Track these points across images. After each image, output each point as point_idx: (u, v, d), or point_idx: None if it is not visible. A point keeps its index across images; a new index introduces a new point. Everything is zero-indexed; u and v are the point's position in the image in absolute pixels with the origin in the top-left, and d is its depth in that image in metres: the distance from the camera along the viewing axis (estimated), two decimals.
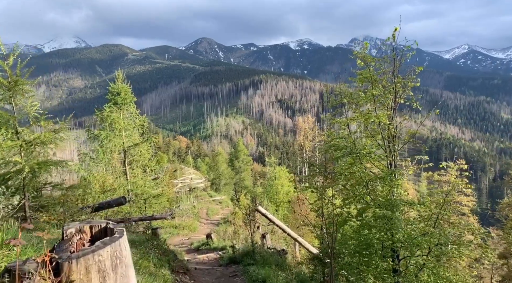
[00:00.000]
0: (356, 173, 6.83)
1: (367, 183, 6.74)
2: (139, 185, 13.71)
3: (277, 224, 10.12)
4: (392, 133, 7.07)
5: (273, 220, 10.05)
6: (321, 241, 8.69)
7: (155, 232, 7.61)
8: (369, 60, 7.05)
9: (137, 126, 14.44)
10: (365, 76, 7.07)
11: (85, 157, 13.24)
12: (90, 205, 7.82)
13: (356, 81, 7.42)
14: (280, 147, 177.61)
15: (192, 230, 23.38)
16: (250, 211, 8.96)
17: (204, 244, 14.37)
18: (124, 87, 13.90)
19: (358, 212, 7.19)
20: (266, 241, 10.74)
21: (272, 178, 42.61)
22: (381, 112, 6.98)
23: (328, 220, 8.03)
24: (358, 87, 7.42)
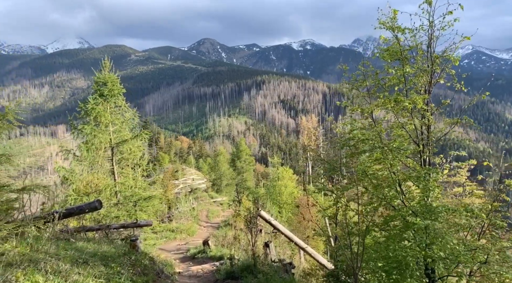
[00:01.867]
0: (383, 171, 5.42)
1: (399, 183, 5.33)
2: (128, 185, 12.35)
3: (283, 231, 8.73)
4: (427, 122, 5.65)
5: (277, 227, 8.66)
6: (335, 254, 7.29)
7: (134, 243, 6.23)
8: (399, 30, 5.63)
9: (126, 121, 13.06)
10: (394, 51, 5.65)
11: (67, 155, 11.89)
12: (58, 211, 6.44)
13: (381, 58, 5.99)
14: (283, 147, 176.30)
15: (190, 234, 22.04)
16: (251, 216, 7.57)
17: (200, 252, 12.96)
18: (111, 77, 12.51)
19: (385, 220, 5.77)
20: (270, 250, 9.33)
21: (275, 178, 41.28)
22: (414, 95, 5.56)
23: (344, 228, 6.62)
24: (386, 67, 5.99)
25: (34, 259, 4.36)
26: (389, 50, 5.80)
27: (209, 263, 10.46)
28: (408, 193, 5.52)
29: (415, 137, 5.83)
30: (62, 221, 8.42)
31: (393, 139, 5.61)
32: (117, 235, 8.51)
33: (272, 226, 8.77)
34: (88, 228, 7.68)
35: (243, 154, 48.70)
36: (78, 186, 11.12)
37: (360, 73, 5.95)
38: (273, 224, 8.61)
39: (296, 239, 9.03)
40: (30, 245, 4.87)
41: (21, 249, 4.73)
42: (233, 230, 21.89)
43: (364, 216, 5.88)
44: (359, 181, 6.17)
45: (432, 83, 5.66)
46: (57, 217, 6.42)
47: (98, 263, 5.14)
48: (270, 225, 8.76)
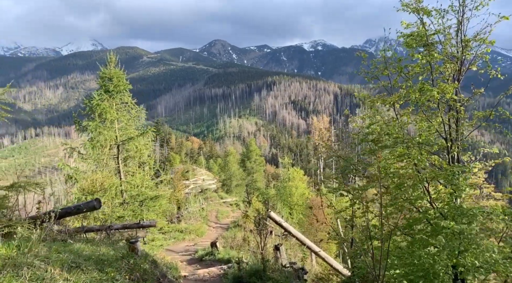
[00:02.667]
0: (407, 169, 4.85)
1: (427, 182, 4.75)
2: (134, 184, 11.95)
3: (294, 234, 8.20)
4: (456, 115, 5.06)
5: (288, 229, 8.13)
6: (352, 259, 6.73)
7: (133, 246, 5.78)
8: (425, 13, 5.06)
9: (132, 118, 12.67)
10: (419, 35, 5.07)
11: (72, 152, 11.56)
12: (55, 210, 6.04)
13: (404, 45, 5.41)
14: (294, 148, 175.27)
15: (199, 234, 21.64)
16: (260, 218, 7.06)
17: (208, 254, 12.49)
18: (117, 72, 12.13)
19: (408, 223, 5.19)
20: (281, 254, 8.80)
21: (286, 179, 40.71)
22: (442, 84, 4.98)
23: (362, 232, 6.06)
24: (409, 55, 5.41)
25: (19, 264, 3.93)
26: (413, 35, 5.22)
27: (217, 266, 9.98)
28: (436, 193, 4.93)
29: (442, 132, 5.24)
30: (61, 221, 8.04)
31: (418, 134, 5.04)
32: (120, 236, 8.08)
33: (282, 228, 8.25)
34: (88, 229, 7.27)
35: (253, 154, 48.15)
36: (83, 185, 10.76)
37: (380, 60, 5.37)
38: (283, 226, 8.08)
39: (309, 242, 8.48)
40: (18, 247, 4.46)
41: (7, 252, 4.32)
42: (243, 231, 21.40)
43: (384, 219, 5.31)
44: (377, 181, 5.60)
45: (461, 71, 5.07)
46: (53, 216, 6.01)
47: (92, 267, 4.70)
48: (281, 227, 8.24)
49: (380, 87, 6.17)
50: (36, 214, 6.16)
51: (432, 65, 5.23)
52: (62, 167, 10.92)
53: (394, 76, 5.60)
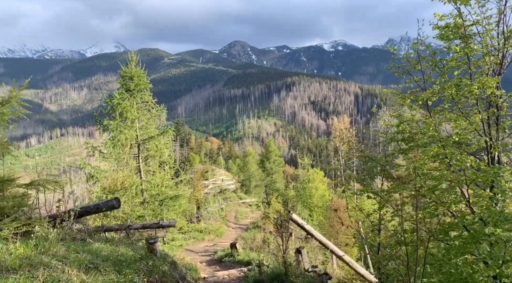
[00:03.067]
0: (442, 170, 4.49)
1: (467, 184, 4.38)
2: (154, 184, 11.91)
3: (317, 237, 7.89)
4: (497, 112, 4.66)
5: (311, 232, 7.83)
6: (378, 264, 6.36)
7: (152, 247, 5.63)
8: (463, 2, 4.68)
9: (153, 117, 12.65)
10: (456, 26, 4.70)
11: (93, 151, 11.62)
12: (74, 209, 5.97)
13: (439, 37, 5.04)
14: (313, 149, 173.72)
15: (218, 235, 21.55)
16: (282, 220, 6.80)
17: (228, 255, 12.31)
18: (137, 71, 12.13)
19: (443, 229, 4.82)
20: (302, 257, 8.51)
21: (306, 180, 40.28)
22: (482, 78, 4.59)
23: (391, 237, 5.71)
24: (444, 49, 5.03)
25: (36, 263, 3.83)
26: (448, 27, 4.85)
27: (237, 268, 9.77)
28: (477, 197, 4.55)
29: (480, 130, 4.85)
30: (82, 220, 8.01)
31: (455, 133, 4.66)
32: (139, 236, 7.99)
33: (305, 231, 7.95)
34: (107, 228, 7.20)
35: (272, 155, 47.82)
36: (104, 184, 10.78)
37: (413, 53, 5.02)
38: (306, 228, 7.79)
39: (332, 246, 8.15)
40: (36, 246, 4.38)
41: (25, 251, 4.23)
42: (262, 232, 21.17)
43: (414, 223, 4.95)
44: (408, 182, 5.25)
45: (503, 65, 4.67)
46: (73, 215, 5.94)
47: (110, 268, 4.56)
48: (303, 229, 7.95)
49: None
50: (56, 212, 6.11)
51: (470, 59, 4.84)
52: (83, 166, 10.99)
53: (427, 71, 5.23)
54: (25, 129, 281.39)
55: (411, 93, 5.39)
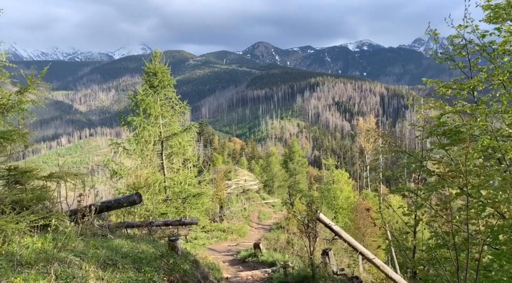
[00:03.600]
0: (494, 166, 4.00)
1: None
2: (177, 181, 11.76)
3: (346, 239, 7.44)
4: None
5: (340, 233, 7.39)
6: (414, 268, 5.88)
7: (173, 244, 5.39)
8: None
9: (176, 114, 12.52)
10: (509, 4, 4.18)
11: (117, 148, 11.60)
12: (96, 204, 5.82)
13: (486, 20, 4.53)
14: (337, 150, 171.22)
15: (241, 235, 21.32)
16: (309, 219, 6.42)
17: (251, 255, 12.00)
18: (161, 67, 12.03)
19: (491, 232, 4.31)
20: (329, 259, 8.08)
21: (330, 181, 39.53)
22: None
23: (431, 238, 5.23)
24: None
25: (52, 258, 3.64)
26: (499, 7, 4.34)
27: (260, 269, 9.44)
28: None
29: None
30: (106, 216, 7.90)
31: (508, 124, 4.15)
32: (162, 233, 7.81)
33: (333, 232, 7.53)
34: (129, 224, 7.05)
35: (295, 155, 47.19)
36: (128, 180, 10.72)
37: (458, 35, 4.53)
38: (334, 229, 7.37)
39: (362, 248, 7.68)
40: (54, 241, 4.21)
41: (43, 246, 4.07)
42: (286, 233, 20.76)
43: (461, 225, 4.47)
44: (451, 179, 4.75)
45: None
46: (94, 210, 5.79)
47: (129, 266, 4.34)
48: (331, 230, 7.52)
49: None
50: (77, 207, 5.99)
51: None
52: (106, 163, 10.99)
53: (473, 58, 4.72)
54: (57, 129, 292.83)
55: (454, 81, 4.89)
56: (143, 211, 10.62)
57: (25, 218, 3.88)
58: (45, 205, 5.12)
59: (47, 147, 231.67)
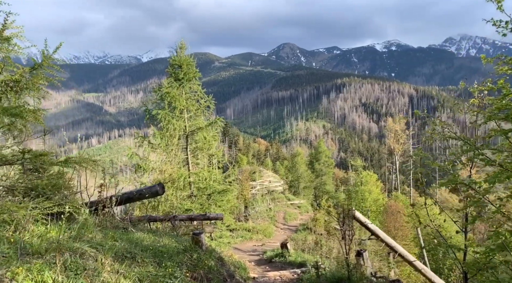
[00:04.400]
0: None
1: None
2: (202, 177, 11.42)
3: (383, 238, 6.81)
4: None
5: (376, 232, 6.77)
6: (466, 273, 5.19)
7: (197, 238, 4.98)
8: None
9: (201, 108, 12.19)
10: None
11: (143, 141, 11.39)
12: (117, 195, 5.50)
13: None
14: (364, 153, 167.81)
15: (267, 235, 20.85)
16: (344, 216, 5.85)
17: (278, 255, 11.48)
18: (186, 59, 11.73)
19: None
20: (364, 260, 7.44)
21: (358, 183, 38.44)
22: None
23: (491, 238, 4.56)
24: None
25: (64, 249, 3.29)
26: None
27: (289, 269, 8.92)
28: None
29: None
30: (128, 208, 7.61)
31: None
32: (186, 229, 7.44)
33: (368, 231, 6.90)
34: (151, 218, 6.71)
35: (322, 156, 46.15)
36: (152, 175, 10.47)
37: None
38: (370, 228, 6.75)
39: (402, 249, 7.01)
40: (69, 230, 3.88)
41: (59, 235, 3.74)
42: (313, 234, 20.12)
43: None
44: None
45: None
46: (114, 201, 5.47)
47: (149, 260, 3.95)
48: (367, 229, 6.91)
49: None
50: (98, 198, 5.70)
51: None
52: (130, 157, 10.79)
53: None
54: (87, 130, 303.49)
55: None
56: (168, 207, 10.35)
57: (38, 204, 3.56)
58: (63, 194, 4.83)
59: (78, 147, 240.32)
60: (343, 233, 5.84)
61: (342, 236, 5.81)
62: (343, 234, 5.86)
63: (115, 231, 5.38)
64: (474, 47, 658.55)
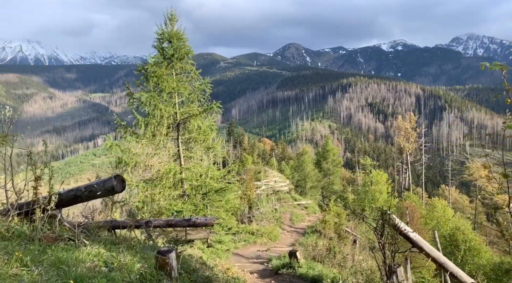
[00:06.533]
0: None
1: None
2: (197, 173, 9.68)
3: (431, 253, 5.02)
4: None
5: (420, 244, 4.98)
6: None
7: (163, 260, 3.25)
8: None
9: (196, 92, 10.40)
10: None
11: (124, 130, 9.67)
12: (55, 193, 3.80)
13: None
14: (370, 153, 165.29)
15: (272, 238, 19.10)
16: (383, 224, 4.09)
17: (286, 266, 9.71)
18: (177, 33, 9.90)
19: None
20: (399, 279, 5.65)
21: (368, 183, 36.58)
22: None
23: None
24: None
25: None
26: None
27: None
28: None
29: None
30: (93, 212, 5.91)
31: None
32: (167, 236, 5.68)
33: (409, 242, 5.11)
34: (115, 224, 5.00)
35: (329, 154, 44.16)
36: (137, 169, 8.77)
37: None
38: (411, 238, 4.96)
39: (454, 267, 5.22)
40: None
41: None
42: (324, 238, 18.33)
43: None
44: None
45: None
46: (53, 201, 3.76)
47: None
48: (406, 239, 5.12)
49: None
50: (33, 198, 3.98)
51: None
52: (109, 147, 9.10)
53: None
54: (93, 130, 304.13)
55: None
56: (154, 206, 8.64)
57: None
58: None
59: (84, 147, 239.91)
60: (382, 246, 4.07)
61: (381, 250, 4.05)
62: (381, 247, 4.09)
63: (51, 245, 3.66)
64: (481, 47, 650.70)
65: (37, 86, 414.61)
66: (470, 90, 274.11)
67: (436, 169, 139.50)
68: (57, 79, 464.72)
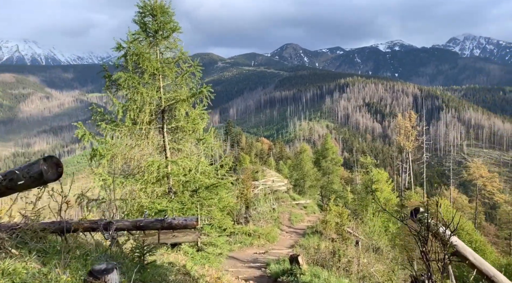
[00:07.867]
0: None
1: None
2: (185, 167, 8.48)
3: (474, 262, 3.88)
4: None
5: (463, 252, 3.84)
6: None
7: None
8: None
9: (184, 75, 9.16)
10: None
11: (100, 118, 8.46)
12: None
13: None
14: (368, 152, 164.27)
15: (270, 240, 17.94)
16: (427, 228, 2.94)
17: (286, 272, 8.52)
18: (162, 5, 8.64)
19: None
20: None
21: (368, 181, 35.53)
22: None
23: None
24: None
25: None
26: None
27: None
28: None
29: None
30: None
31: None
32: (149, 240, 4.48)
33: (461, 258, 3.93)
34: (68, 225, 3.78)
35: (329, 153, 42.98)
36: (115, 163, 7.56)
37: None
38: (457, 246, 3.80)
39: (505, 279, 4.07)
40: None
41: None
42: (325, 240, 17.17)
43: None
44: None
45: None
46: None
47: None
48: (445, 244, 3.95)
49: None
50: None
51: None
52: (81, 137, 7.88)
53: None
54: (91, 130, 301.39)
55: None
56: (136, 206, 7.43)
57: None
58: None
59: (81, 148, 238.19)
60: (424, 255, 2.91)
61: (425, 261, 2.88)
62: (423, 257, 2.93)
63: None
64: (478, 47, 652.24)
65: (33, 86, 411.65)
66: (467, 90, 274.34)
67: (434, 169, 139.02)
68: (54, 79, 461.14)
